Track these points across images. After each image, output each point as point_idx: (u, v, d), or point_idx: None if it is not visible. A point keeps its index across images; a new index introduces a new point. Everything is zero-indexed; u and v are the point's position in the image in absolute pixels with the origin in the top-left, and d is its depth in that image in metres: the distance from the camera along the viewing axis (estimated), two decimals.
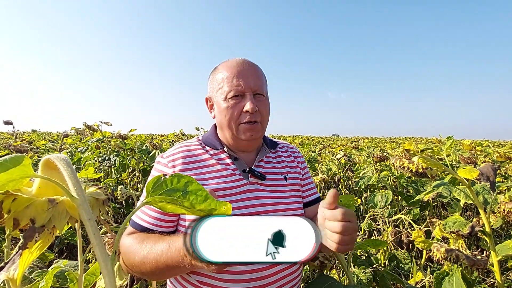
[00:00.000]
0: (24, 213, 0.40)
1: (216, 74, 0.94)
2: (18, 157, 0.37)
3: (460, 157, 2.28)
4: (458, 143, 4.77)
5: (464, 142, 2.63)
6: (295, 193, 0.99)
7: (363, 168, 3.17)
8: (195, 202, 0.44)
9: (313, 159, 4.09)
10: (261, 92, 0.92)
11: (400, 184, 2.69)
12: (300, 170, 1.05)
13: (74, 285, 0.89)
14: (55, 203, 0.42)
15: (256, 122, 0.91)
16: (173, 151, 0.94)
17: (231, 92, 0.89)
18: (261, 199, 0.90)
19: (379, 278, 1.37)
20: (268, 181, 0.94)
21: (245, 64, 0.92)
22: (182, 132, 5.79)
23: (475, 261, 0.85)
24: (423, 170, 1.01)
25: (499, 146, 5.41)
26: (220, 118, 0.93)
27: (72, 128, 4.98)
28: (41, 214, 0.41)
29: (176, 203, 0.44)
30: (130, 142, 3.81)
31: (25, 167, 0.37)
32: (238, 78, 0.89)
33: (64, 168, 0.41)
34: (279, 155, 1.05)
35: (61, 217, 0.42)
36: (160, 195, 0.43)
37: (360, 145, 4.32)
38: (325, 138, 19.00)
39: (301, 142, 7.39)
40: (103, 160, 3.41)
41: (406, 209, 2.09)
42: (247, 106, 0.88)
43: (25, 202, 0.41)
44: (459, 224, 1.00)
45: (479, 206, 1.01)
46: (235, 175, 0.91)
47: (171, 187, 0.43)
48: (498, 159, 2.41)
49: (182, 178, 0.44)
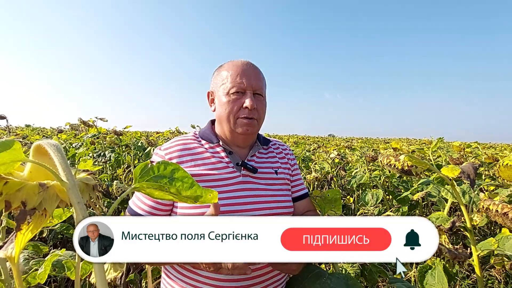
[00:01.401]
0: (16, 195, 0.42)
1: (221, 71, 1.01)
2: (9, 141, 0.38)
3: (450, 158, 2.32)
4: (449, 145, 4.84)
5: (454, 144, 2.68)
6: (285, 187, 1.04)
7: (355, 167, 3.21)
8: (181, 188, 0.46)
9: (308, 158, 4.13)
10: (261, 93, 0.99)
11: (392, 183, 2.73)
12: (290, 167, 1.11)
13: (71, 273, 0.91)
14: (46, 187, 0.43)
15: (253, 118, 0.97)
16: (170, 144, 0.99)
17: (233, 88, 0.95)
18: (252, 190, 0.95)
19: (367, 273, 1.40)
20: (260, 174, 0.99)
21: (249, 65, 1.00)
22: (177, 129, 5.80)
23: (457, 254, 0.89)
24: (408, 168, 1.04)
25: (490, 148, 5.50)
26: (220, 111, 0.99)
27: (67, 123, 4.96)
28: (32, 197, 0.43)
29: (163, 189, 0.46)
30: (125, 139, 3.81)
31: (15, 151, 0.39)
32: (242, 76, 0.96)
33: (55, 154, 0.43)
34: (271, 151, 1.11)
35: (51, 200, 0.44)
36: (147, 181, 0.45)
37: (353, 145, 4.36)
38: (320, 138, 19.08)
39: (296, 141, 7.44)
40: (98, 156, 3.41)
41: (395, 207, 2.13)
42: (246, 102, 0.94)
43: (16, 185, 0.42)
44: (441, 219, 1.03)
45: (460, 203, 1.04)
46: (228, 168, 0.96)
47: (158, 173, 0.45)
48: (486, 161, 2.46)
49: (169, 165, 0.46)
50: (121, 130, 3.67)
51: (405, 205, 2.03)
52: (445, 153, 2.66)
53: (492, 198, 1.02)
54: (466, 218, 1.03)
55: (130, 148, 3.28)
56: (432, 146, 1.23)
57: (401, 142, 2.57)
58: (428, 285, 1.00)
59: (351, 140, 12.05)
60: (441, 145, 5.95)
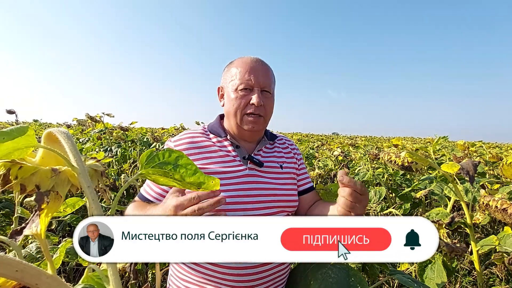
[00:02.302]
0: (30, 179, 0.45)
1: (231, 67, 1.04)
2: (23, 127, 0.41)
3: (453, 157, 2.32)
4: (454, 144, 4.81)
5: (458, 142, 2.68)
6: (290, 181, 1.06)
7: (359, 165, 3.22)
8: (185, 175, 0.49)
9: (311, 156, 4.13)
10: (269, 90, 1.02)
11: (395, 181, 2.74)
12: (296, 161, 1.14)
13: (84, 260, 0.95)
14: (58, 172, 0.46)
15: (259, 116, 0.99)
16: (180, 136, 1.03)
17: (241, 85, 0.98)
18: (258, 183, 0.98)
19: (368, 268, 1.42)
20: (266, 168, 1.02)
21: (258, 63, 1.01)
22: (182, 126, 5.84)
23: (454, 248, 0.90)
24: (408, 164, 1.06)
25: (495, 148, 5.44)
26: (228, 106, 1.02)
27: (74, 119, 5.02)
28: (45, 181, 0.45)
29: (168, 176, 0.49)
30: (131, 134, 3.86)
31: (29, 137, 0.41)
32: (250, 73, 0.98)
33: (65, 141, 0.46)
34: (277, 146, 1.14)
35: (63, 184, 0.46)
36: (153, 167, 0.48)
37: (357, 143, 4.36)
38: (324, 136, 18.99)
39: (299, 139, 7.44)
40: (105, 151, 3.46)
41: (398, 204, 2.14)
42: (253, 99, 0.97)
43: (30, 170, 0.45)
44: (441, 215, 1.04)
45: (461, 200, 1.05)
46: (235, 161, 0.99)
47: (163, 160, 0.48)
48: (491, 160, 2.45)
49: (173, 152, 0.48)
50: (127, 126, 3.71)
51: (407, 202, 2.04)
52: (449, 152, 2.65)
53: (492, 195, 1.03)
54: (466, 214, 1.04)
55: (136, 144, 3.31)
56: (434, 143, 1.24)
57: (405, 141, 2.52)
58: (427, 279, 1.02)
59: (355, 138, 12.00)
60: (445, 144, 5.91)
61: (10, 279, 0.35)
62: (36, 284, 0.35)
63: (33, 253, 1.09)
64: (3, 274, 0.33)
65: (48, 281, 0.36)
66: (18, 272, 0.34)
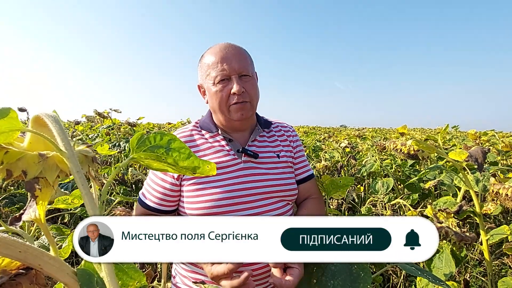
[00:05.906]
0: (17, 165, 0.43)
1: (203, 61, 1.00)
2: (5, 109, 0.39)
3: (464, 146, 2.26)
4: (465, 134, 4.70)
5: (469, 132, 2.61)
6: (288, 170, 1.03)
7: (366, 156, 3.18)
8: (178, 159, 0.47)
9: (318, 148, 4.10)
10: (247, 73, 0.97)
11: (404, 172, 2.69)
12: (292, 149, 1.09)
13: None
14: (45, 157, 0.45)
15: (244, 102, 0.96)
16: None
17: (217, 77, 0.94)
18: (254, 175, 0.96)
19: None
20: (261, 159, 1.00)
21: (228, 48, 0.97)
22: (189, 120, 5.85)
23: (463, 236, 0.87)
24: (414, 152, 1.03)
25: (509, 137, 5.31)
26: (212, 102, 0.99)
27: (83, 115, 5.07)
28: (33, 166, 0.44)
29: (160, 160, 0.47)
30: (139, 129, 3.88)
31: (12, 119, 0.40)
32: (223, 62, 0.94)
33: (53, 125, 0.44)
34: (273, 135, 1.10)
35: (51, 170, 0.45)
36: (144, 151, 0.46)
37: (365, 135, 4.31)
38: (332, 128, 18.82)
39: (306, 131, 7.39)
40: (113, 146, 3.49)
41: (405, 195, 2.10)
42: (234, 88, 0.93)
43: (17, 155, 0.44)
44: (449, 203, 1.02)
45: (470, 189, 1.02)
46: (229, 155, 0.97)
47: (154, 143, 0.46)
48: (504, 149, 2.39)
49: (165, 135, 0.46)
50: (134, 121, 3.73)
51: (415, 192, 2.00)
52: (460, 142, 2.59)
53: (503, 183, 0.99)
54: (475, 203, 1.01)
55: None
56: (442, 131, 1.20)
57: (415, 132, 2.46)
58: (435, 269, 0.99)
59: (362, 130, 11.88)
60: (456, 134, 5.79)
61: (14, 259, 0.37)
62: (39, 264, 0.37)
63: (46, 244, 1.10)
64: (7, 254, 0.35)
65: (51, 262, 0.38)
66: (22, 253, 0.35)
